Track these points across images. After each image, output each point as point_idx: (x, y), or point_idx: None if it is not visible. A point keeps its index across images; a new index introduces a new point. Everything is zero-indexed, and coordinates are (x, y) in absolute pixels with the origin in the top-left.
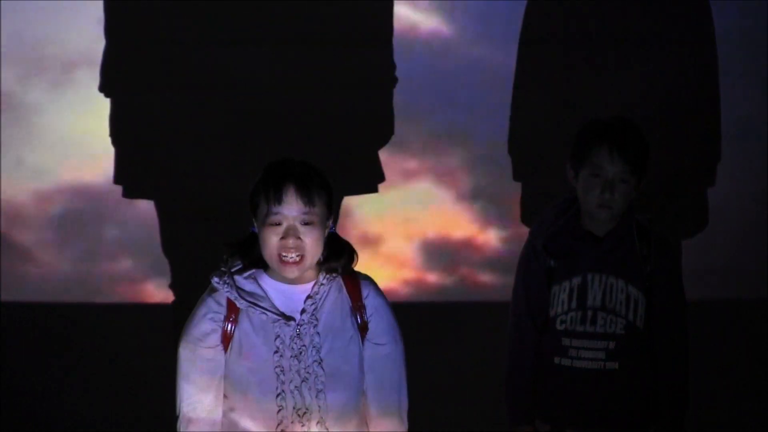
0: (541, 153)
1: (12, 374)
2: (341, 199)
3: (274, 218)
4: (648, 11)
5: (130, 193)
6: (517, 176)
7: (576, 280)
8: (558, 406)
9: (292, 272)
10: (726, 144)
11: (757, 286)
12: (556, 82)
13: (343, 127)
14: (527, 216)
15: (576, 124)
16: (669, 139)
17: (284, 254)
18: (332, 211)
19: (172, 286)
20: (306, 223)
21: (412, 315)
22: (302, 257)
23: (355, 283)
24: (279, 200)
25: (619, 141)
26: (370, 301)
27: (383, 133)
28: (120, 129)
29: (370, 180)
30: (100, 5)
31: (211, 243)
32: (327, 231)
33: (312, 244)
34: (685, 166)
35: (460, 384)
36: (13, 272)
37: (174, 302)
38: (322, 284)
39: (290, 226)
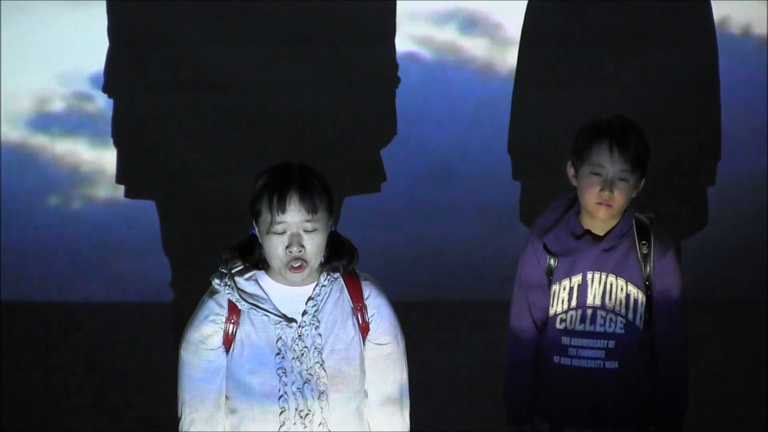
0: (540, 152)
1: (12, 374)
2: (343, 198)
3: (278, 227)
4: (648, 11)
5: (131, 193)
6: (516, 175)
7: (576, 279)
8: (557, 405)
9: (297, 278)
10: (726, 143)
11: (757, 286)
12: (556, 82)
13: (345, 127)
14: (527, 215)
15: (576, 124)
16: (669, 139)
17: (290, 262)
18: (333, 213)
19: (173, 286)
20: (309, 231)
21: (413, 315)
22: (306, 265)
23: (357, 283)
24: (282, 209)
25: (619, 139)
26: (371, 301)
27: (385, 133)
28: (122, 129)
29: (372, 180)
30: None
31: (211, 243)
32: (328, 232)
33: (315, 250)
34: (685, 165)
35: (460, 383)
36: (13, 272)
37: (174, 301)
38: (323, 285)
39: (294, 234)
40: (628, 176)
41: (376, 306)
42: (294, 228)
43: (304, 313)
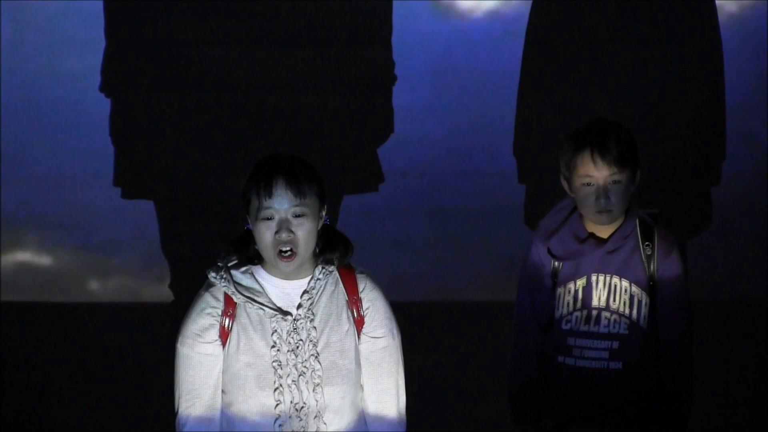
0: (545, 155)
1: (12, 374)
2: (341, 198)
3: (265, 212)
4: (653, 11)
5: (129, 194)
6: (521, 178)
7: (580, 282)
8: (561, 405)
9: (288, 266)
10: (730, 143)
11: (761, 286)
12: (560, 84)
13: (342, 126)
14: (531, 218)
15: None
16: (673, 139)
17: (279, 249)
18: (325, 202)
19: (172, 286)
20: (297, 215)
21: (413, 314)
22: (296, 250)
23: (352, 276)
24: (269, 194)
25: (599, 146)
26: (366, 294)
27: (383, 132)
28: (120, 129)
29: (370, 179)
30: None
31: (210, 243)
32: (321, 222)
33: (305, 236)
34: (689, 165)
35: (461, 383)
36: (13, 272)
37: (173, 302)
38: (318, 279)
39: (282, 219)
40: (619, 177)
41: (371, 299)
42: (282, 213)
43: (299, 306)
